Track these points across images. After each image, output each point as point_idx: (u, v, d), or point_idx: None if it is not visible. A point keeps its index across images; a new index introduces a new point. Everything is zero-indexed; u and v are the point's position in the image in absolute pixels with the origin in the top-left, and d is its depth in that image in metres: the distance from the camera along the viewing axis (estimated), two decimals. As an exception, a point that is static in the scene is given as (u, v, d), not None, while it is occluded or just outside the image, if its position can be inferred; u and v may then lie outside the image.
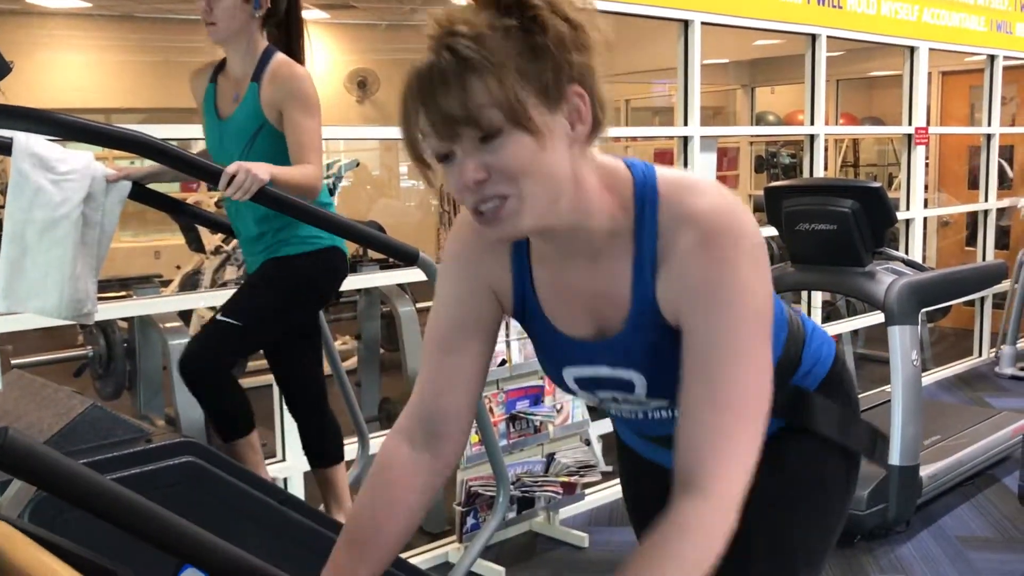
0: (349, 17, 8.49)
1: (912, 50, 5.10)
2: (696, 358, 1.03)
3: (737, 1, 4.19)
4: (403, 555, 2.65)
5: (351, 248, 2.79)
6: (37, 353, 4.18)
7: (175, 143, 2.24)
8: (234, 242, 4.87)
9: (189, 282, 5.41)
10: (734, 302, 1.02)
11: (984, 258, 5.85)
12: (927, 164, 6.04)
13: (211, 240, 5.36)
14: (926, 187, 5.94)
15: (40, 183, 2.14)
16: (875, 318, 4.86)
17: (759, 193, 6.36)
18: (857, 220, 3.25)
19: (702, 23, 3.98)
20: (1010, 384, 5.39)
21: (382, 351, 4.36)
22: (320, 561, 1.19)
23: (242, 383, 2.67)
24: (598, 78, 1.03)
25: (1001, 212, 6.16)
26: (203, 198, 6.33)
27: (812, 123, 4.63)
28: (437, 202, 7.83)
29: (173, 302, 3.49)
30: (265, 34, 2.40)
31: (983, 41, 5.55)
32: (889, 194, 3.43)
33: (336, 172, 5.94)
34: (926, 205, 5.86)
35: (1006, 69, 5.76)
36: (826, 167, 5.12)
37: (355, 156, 7.49)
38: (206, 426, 3.25)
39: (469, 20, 0.97)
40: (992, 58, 5.66)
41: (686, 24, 3.97)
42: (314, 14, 7.53)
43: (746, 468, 1.01)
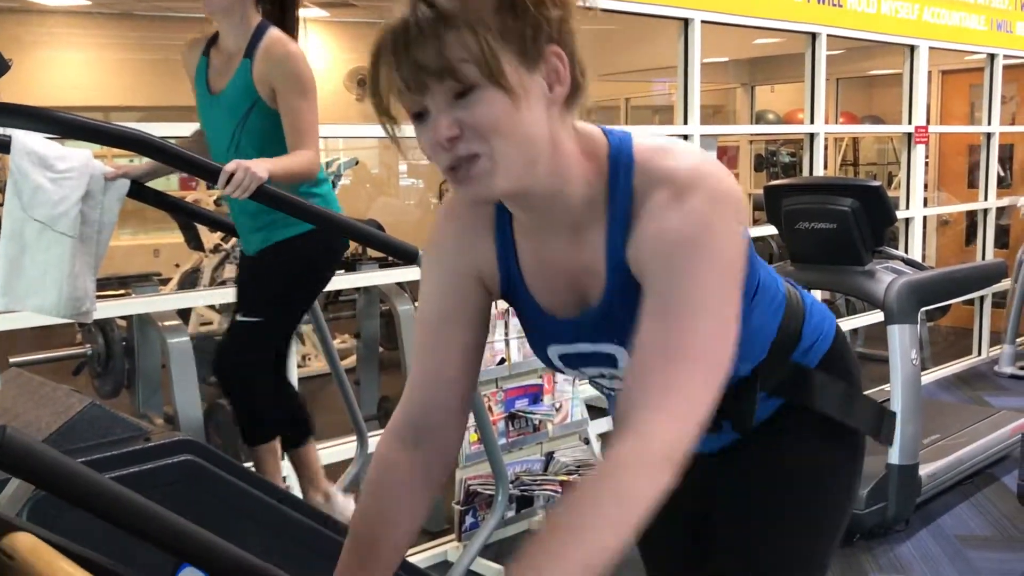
0: (349, 15, 8.48)
1: (912, 49, 5.10)
2: (655, 301, 0.99)
3: (737, -1, 4.19)
4: (402, 554, 2.64)
5: (350, 247, 2.79)
6: (36, 351, 4.19)
7: (174, 141, 2.24)
8: (233, 240, 4.87)
9: (188, 280, 5.41)
10: (702, 254, 0.97)
11: (983, 257, 5.85)
12: (927, 163, 6.04)
13: (210, 238, 5.36)
14: (926, 186, 5.94)
15: (39, 181, 2.14)
16: (874, 317, 4.86)
17: (759, 192, 6.36)
18: (857, 219, 3.25)
19: (702, 21, 3.98)
20: (1009, 383, 5.39)
21: (381, 350, 4.35)
22: (319, 559, 1.19)
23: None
24: (577, 40, 1.01)
25: (1001, 211, 6.16)
26: (202, 196, 6.34)
27: (812, 122, 4.63)
28: (437, 200, 7.83)
29: (172, 300, 3.49)
30: (260, 10, 2.36)
31: (983, 40, 5.55)
32: (889, 193, 3.43)
33: (335, 170, 5.94)
34: (926, 204, 5.86)
35: (1006, 68, 5.76)
36: (826, 166, 5.12)
37: (354, 154, 7.49)
38: (205, 425, 3.25)
39: None
40: (992, 57, 5.66)
41: (686, 22, 3.97)
42: (314, 12, 7.52)
43: (693, 422, 0.95)
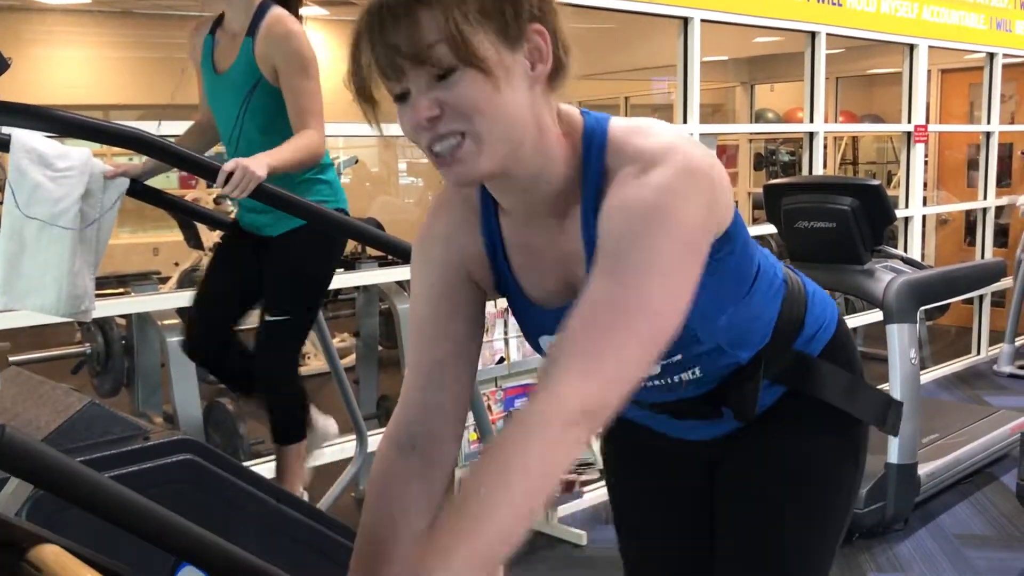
0: (349, 14, 8.47)
1: (912, 48, 5.10)
2: (604, 262, 0.95)
3: (737, -2, 4.19)
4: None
5: (350, 245, 2.79)
6: (35, 350, 4.18)
7: (173, 139, 2.24)
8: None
9: (187, 279, 5.40)
10: (660, 219, 0.94)
11: (983, 256, 5.85)
12: (926, 162, 6.04)
13: (210, 237, 5.35)
14: (925, 185, 5.94)
15: (38, 179, 2.14)
16: (874, 316, 4.86)
17: (758, 191, 6.36)
18: (856, 218, 3.25)
19: (702, 20, 3.98)
20: (1008, 382, 5.39)
21: (380, 348, 4.35)
22: (318, 558, 1.19)
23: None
24: (560, 18, 1.00)
25: (1000, 210, 6.16)
26: (202, 195, 6.32)
27: (811, 121, 4.63)
28: (436, 199, 7.81)
29: (171, 299, 3.48)
30: None
31: (983, 39, 5.55)
32: (888, 192, 3.43)
33: (335, 169, 5.93)
34: (925, 203, 5.86)
35: (1005, 67, 5.76)
36: (825, 165, 5.12)
37: (354, 153, 7.48)
38: (204, 424, 3.26)
39: None
40: (992, 56, 5.66)
41: (686, 21, 3.97)
42: (314, 11, 7.51)
43: (618, 383, 0.91)
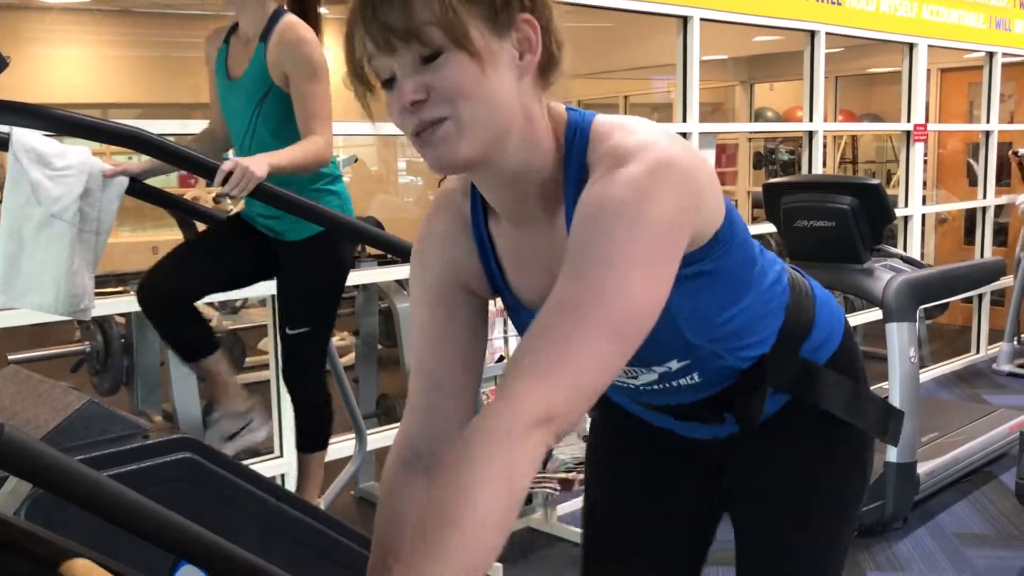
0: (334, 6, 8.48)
1: (911, 47, 5.10)
2: (570, 263, 0.92)
3: (736, -3, 4.19)
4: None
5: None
6: (34, 348, 4.18)
7: (172, 138, 2.24)
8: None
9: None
10: (626, 216, 0.91)
11: (982, 255, 5.85)
12: (925, 161, 6.04)
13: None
14: (924, 184, 5.94)
15: (37, 179, 2.14)
16: (873, 315, 4.86)
17: (757, 190, 6.36)
18: (856, 217, 3.25)
19: (701, 19, 3.98)
20: (1008, 381, 5.39)
21: (380, 347, 4.35)
22: (317, 558, 1.18)
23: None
24: (553, 11, 1.00)
25: (999, 209, 6.16)
26: (201, 193, 6.32)
27: (811, 120, 4.63)
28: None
29: (171, 298, 3.47)
30: None
31: (982, 38, 5.55)
32: (888, 191, 3.43)
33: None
34: (924, 202, 5.86)
35: (1005, 66, 5.76)
36: (825, 164, 5.12)
37: (353, 152, 7.48)
38: (204, 423, 3.25)
39: None
40: (991, 55, 5.66)
41: (685, 20, 3.97)
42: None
43: (579, 387, 0.88)
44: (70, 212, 2.15)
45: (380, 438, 3.29)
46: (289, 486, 3.00)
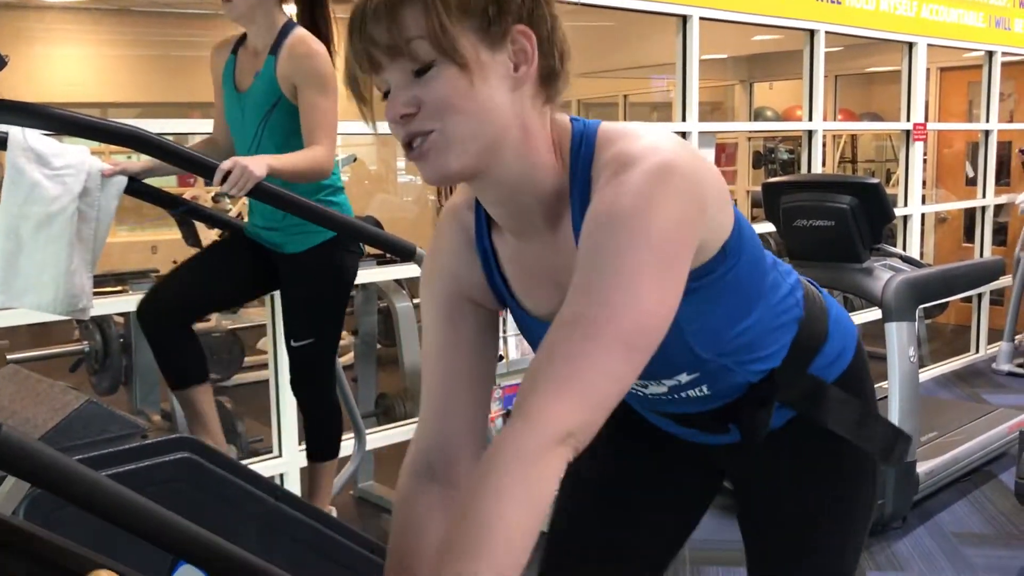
0: (348, 12, 8.48)
1: (911, 46, 5.10)
2: (579, 277, 0.92)
3: (735, -4, 4.19)
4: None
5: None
6: (33, 348, 4.18)
7: (171, 138, 2.24)
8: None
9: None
10: (630, 227, 0.91)
11: (981, 254, 5.85)
12: (925, 160, 6.04)
13: (208, 235, 5.33)
14: (924, 183, 5.94)
15: (35, 178, 2.13)
16: (873, 314, 4.86)
17: (757, 189, 6.36)
18: (855, 216, 3.25)
19: (701, 18, 3.98)
20: (1007, 380, 5.39)
21: (379, 347, 4.35)
22: (317, 557, 1.18)
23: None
24: (556, 24, 0.99)
25: (999, 208, 6.16)
26: (200, 193, 6.32)
27: (810, 119, 4.63)
28: (434, 197, 7.82)
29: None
30: (293, 3, 2.36)
31: (982, 37, 5.55)
32: (887, 190, 3.43)
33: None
34: (924, 201, 5.86)
35: (1004, 65, 5.76)
36: (824, 163, 5.12)
37: (352, 151, 7.48)
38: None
39: None
40: (991, 54, 5.66)
41: (685, 19, 3.97)
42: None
43: (595, 403, 0.88)
44: (69, 212, 2.14)
45: (379, 437, 3.29)
46: (288, 486, 3.00)
